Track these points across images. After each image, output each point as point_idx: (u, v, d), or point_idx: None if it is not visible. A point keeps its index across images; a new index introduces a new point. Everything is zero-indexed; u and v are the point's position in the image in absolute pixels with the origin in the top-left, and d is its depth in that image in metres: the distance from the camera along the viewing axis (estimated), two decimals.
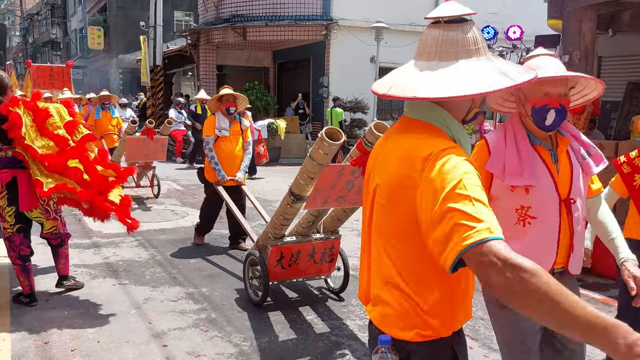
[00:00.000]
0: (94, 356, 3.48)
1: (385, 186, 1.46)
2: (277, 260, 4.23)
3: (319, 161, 3.46)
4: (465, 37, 1.41)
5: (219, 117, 5.82)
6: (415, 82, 1.40)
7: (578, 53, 6.97)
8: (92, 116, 9.65)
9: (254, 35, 17.56)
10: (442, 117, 1.45)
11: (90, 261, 5.55)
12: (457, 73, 1.38)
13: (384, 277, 1.49)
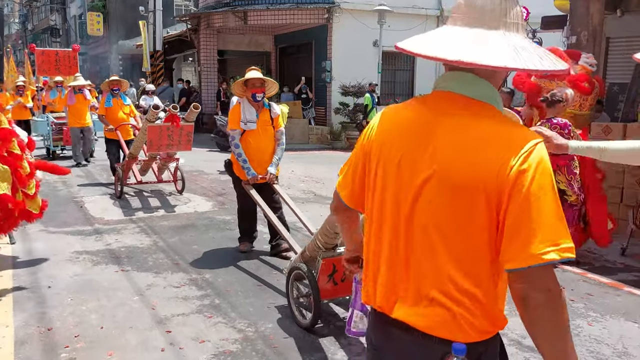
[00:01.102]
0: (97, 342, 3.44)
1: (455, 174, 1.27)
2: (328, 275, 3.62)
3: None
4: (515, 8, 1.31)
5: (244, 106, 5.02)
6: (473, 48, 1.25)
7: (586, 34, 6.85)
8: (102, 104, 8.77)
9: (255, 19, 17.36)
10: (497, 98, 1.34)
11: (92, 248, 5.50)
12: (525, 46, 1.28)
13: (444, 278, 1.31)
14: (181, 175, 8.10)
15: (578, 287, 4.69)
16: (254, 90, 4.94)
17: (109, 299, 4.15)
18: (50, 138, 11.73)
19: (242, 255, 5.36)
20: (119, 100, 8.78)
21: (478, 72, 1.32)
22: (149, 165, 8.20)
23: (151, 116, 7.28)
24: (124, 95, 9.00)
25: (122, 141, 8.42)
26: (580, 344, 3.61)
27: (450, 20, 1.36)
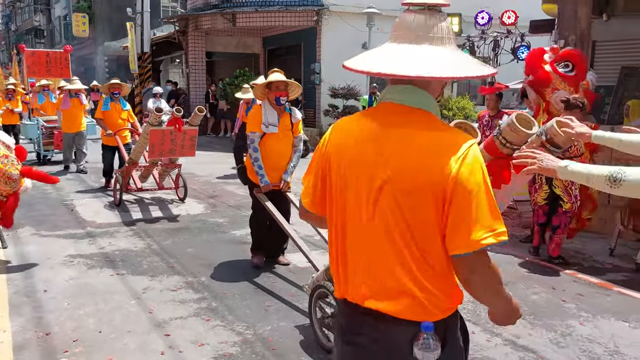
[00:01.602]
0: (96, 346, 3.44)
1: (406, 179, 1.44)
2: None
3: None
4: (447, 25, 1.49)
5: (265, 109, 4.76)
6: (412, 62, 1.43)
7: (574, 37, 6.96)
8: (99, 108, 8.48)
9: (243, 21, 17.36)
10: (436, 106, 1.52)
11: (86, 251, 5.48)
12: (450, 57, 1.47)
13: (404, 267, 1.48)
14: (183, 182, 7.84)
15: (569, 288, 4.77)
16: (278, 93, 4.70)
17: (105, 303, 4.15)
18: (40, 142, 11.36)
19: (237, 257, 5.37)
20: (117, 105, 8.48)
21: (416, 83, 1.49)
22: (149, 171, 7.90)
23: (153, 119, 7.01)
24: (123, 99, 8.72)
25: (121, 147, 8.18)
26: (572, 343, 3.68)
27: (390, 38, 1.53)
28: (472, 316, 4.05)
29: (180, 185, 7.91)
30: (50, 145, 11.41)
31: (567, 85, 5.54)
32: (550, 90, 5.55)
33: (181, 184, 7.87)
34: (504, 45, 10.06)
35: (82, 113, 10.37)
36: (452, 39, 1.49)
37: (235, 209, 7.58)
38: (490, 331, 3.84)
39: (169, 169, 7.68)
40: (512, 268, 5.27)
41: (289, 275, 4.91)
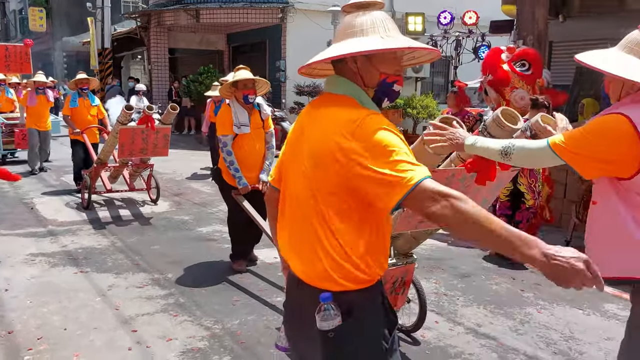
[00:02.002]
0: (61, 343, 3.39)
1: (315, 153, 1.59)
2: None
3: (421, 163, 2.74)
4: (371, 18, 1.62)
5: (235, 109, 4.62)
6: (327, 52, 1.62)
7: (531, 38, 7.20)
8: (67, 105, 8.05)
9: (207, 17, 17.18)
10: (354, 89, 1.64)
11: (48, 250, 5.37)
12: (343, 44, 1.61)
13: (315, 235, 1.60)
14: (155, 183, 7.48)
15: (528, 278, 4.95)
16: (245, 91, 4.56)
17: (70, 301, 4.09)
18: (0, 140, 10.69)
19: (203, 254, 5.37)
20: (86, 101, 8.07)
21: (339, 73, 1.67)
22: (119, 172, 7.56)
23: (123, 117, 6.60)
24: (92, 94, 8.30)
25: (89, 146, 7.79)
26: (530, 330, 3.84)
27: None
28: (435, 307, 4.17)
29: (152, 186, 7.58)
30: (11, 144, 10.77)
31: (524, 83, 5.74)
32: (509, 88, 5.74)
33: (153, 185, 7.55)
34: (466, 44, 10.30)
35: (47, 111, 9.84)
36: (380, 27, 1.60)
37: (201, 206, 7.55)
38: (453, 321, 3.96)
39: (140, 169, 7.38)
40: (473, 261, 5.43)
41: (257, 270, 4.94)
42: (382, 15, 1.64)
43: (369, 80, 1.64)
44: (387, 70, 1.62)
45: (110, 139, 6.93)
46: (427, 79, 18.76)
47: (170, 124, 6.83)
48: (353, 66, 1.63)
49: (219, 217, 6.91)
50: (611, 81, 2.08)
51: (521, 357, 3.45)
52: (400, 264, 3.40)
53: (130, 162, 7.19)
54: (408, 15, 13.18)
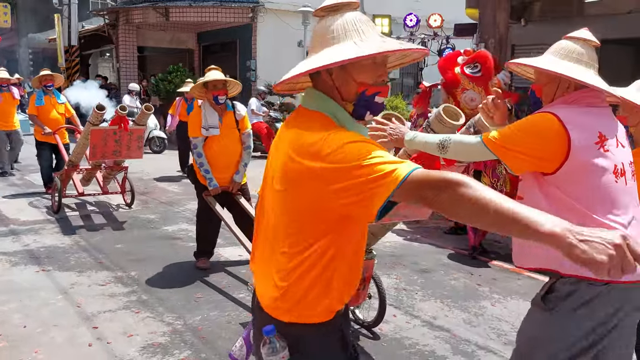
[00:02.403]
0: (21, 341, 3.40)
1: (278, 173, 1.46)
2: None
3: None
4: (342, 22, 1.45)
5: (205, 110, 4.63)
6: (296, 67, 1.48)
7: (493, 41, 7.44)
8: (32, 103, 7.66)
9: (177, 16, 17.09)
10: (328, 105, 1.47)
11: (9, 249, 5.32)
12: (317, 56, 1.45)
13: (271, 258, 1.52)
14: (130, 186, 7.20)
15: (485, 273, 5.13)
16: (215, 92, 4.55)
17: (31, 299, 4.08)
18: None
19: (168, 252, 5.39)
20: (52, 98, 7.71)
21: (315, 86, 1.52)
22: (92, 174, 7.24)
23: (94, 118, 6.28)
24: (57, 92, 7.96)
25: (61, 147, 7.50)
26: (484, 322, 4.00)
27: None
28: (394, 301, 4.30)
29: (127, 189, 7.25)
30: None
31: (475, 85, 5.96)
32: (460, 90, 5.97)
33: (128, 188, 7.23)
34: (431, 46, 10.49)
35: (14, 109, 9.20)
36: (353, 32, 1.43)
37: (167, 205, 7.55)
38: (410, 314, 4.09)
39: (114, 171, 7.11)
40: (434, 257, 5.59)
41: (221, 268, 4.99)
42: (355, 16, 1.46)
43: (346, 93, 1.46)
44: (366, 79, 1.44)
45: (82, 140, 6.63)
46: (397, 79, 19.02)
47: (144, 125, 6.62)
48: (328, 79, 1.46)
49: (185, 216, 6.93)
50: (545, 84, 2.21)
51: (473, 347, 3.60)
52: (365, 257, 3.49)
53: (104, 164, 6.93)
54: (375, 17, 13.35)
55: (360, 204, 1.30)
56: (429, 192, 1.22)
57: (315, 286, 1.46)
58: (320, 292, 1.47)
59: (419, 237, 6.36)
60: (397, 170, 1.25)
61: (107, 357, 3.26)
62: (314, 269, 1.45)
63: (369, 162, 1.27)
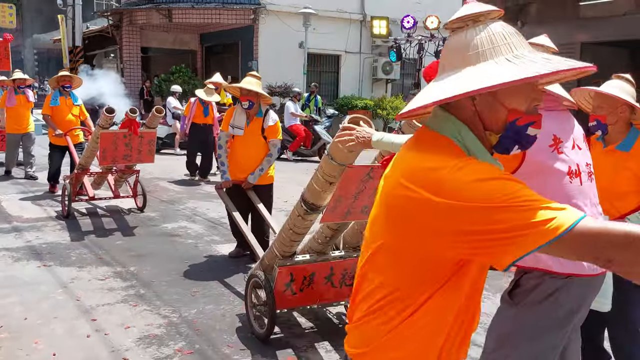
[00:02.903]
0: (22, 332, 3.53)
1: (387, 197, 1.25)
2: (286, 284, 3.46)
3: (340, 161, 2.68)
4: (466, 41, 1.22)
5: (237, 111, 4.95)
6: (420, 96, 1.24)
7: None
8: (47, 104, 7.57)
9: (180, 17, 17.26)
10: (457, 128, 1.23)
11: (12, 245, 5.46)
12: (458, 77, 1.20)
13: (366, 300, 1.30)
14: (142, 190, 7.05)
15: None
16: (242, 97, 4.88)
17: (32, 293, 4.21)
18: None
19: (167, 249, 5.52)
20: (67, 100, 7.61)
21: (454, 112, 1.25)
22: (103, 178, 7.12)
23: (104, 121, 6.24)
24: (74, 93, 7.78)
25: (72, 149, 7.34)
26: None
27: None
28: None
29: (138, 193, 7.09)
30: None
31: None
32: None
33: (140, 192, 7.07)
34: (428, 48, 10.60)
35: (29, 112, 9.03)
36: (503, 46, 1.18)
37: (168, 203, 7.68)
38: None
39: (125, 175, 6.94)
40: None
41: (216, 264, 5.12)
42: (503, 28, 1.21)
43: (492, 121, 1.22)
44: (519, 105, 1.19)
45: (91, 144, 6.50)
46: (397, 80, 19.15)
47: (155, 128, 6.43)
48: (469, 104, 1.21)
49: (185, 214, 7.07)
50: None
51: None
52: (349, 256, 3.57)
53: (115, 168, 6.79)
54: (373, 18, 13.45)
55: (489, 252, 1.08)
56: (610, 252, 1.00)
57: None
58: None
59: None
60: (556, 218, 1.02)
61: (104, 347, 3.39)
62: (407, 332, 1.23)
63: (517, 204, 1.04)
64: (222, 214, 7.11)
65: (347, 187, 2.84)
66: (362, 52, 18.19)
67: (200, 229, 6.33)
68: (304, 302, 3.64)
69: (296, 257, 3.50)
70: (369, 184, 2.87)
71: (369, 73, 18.46)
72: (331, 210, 2.94)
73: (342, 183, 2.80)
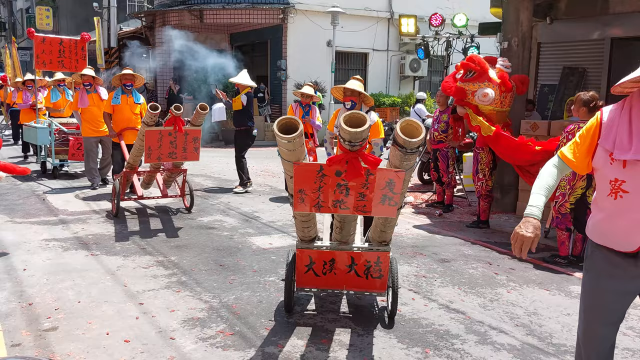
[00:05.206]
0: (77, 313, 3.83)
1: None
2: (306, 266, 3.80)
3: (285, 157, 3.11)
4: None
5: (341, 112, 5.50)
6: None
7: (516, 40, 7.58)
8: (109, 101, 7.63)
9: (211, 17, 17.63)
10: None
11: (60, 236, 5.81)
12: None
13: None
14: (189, 189, 7.00)
15: (503, 263, 5.36)
16: (344, 98, 5.36)
17: (83, 279, 4.52)
18: (52, 150, 9.25)
19: (204, 240, 5.79)
20: (129, 98, 7.62)
21: None
22: (152, 177, 7.12)
23: (149, 118, 6.17)
24: (136, 92, 7.79)
25: (124, 148, 7.41)
26: (498, 306, 4.25)
27: None
28: (413, 286, 4.59)
29: (186, 192, 7.06)
30: (65, 154, 9.40)
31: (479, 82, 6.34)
32: (471, 94, 6.35)
33: (187, 192, 7.03)
34: (456, 45, 10.66)
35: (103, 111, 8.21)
36: None
37: (203, 198, 7.98)
38: (428, 298, 4.37)
39: (174, 174, 6.94)
40: (455, 248, 5.84)
41: (251, 255, 5.36)
42: None
43: None
44: None
45: (138, 142, 6.48)
46: (425, 78, 19.17)
47: (200, 126, 6.39)
48: None
49: (220, 208, 7.35)
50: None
51: (485, 327, 3.86)
52: (370, 249, 3.77)
53: (162, 167, 6.79)
54: (401, 17, 13.55)
55: None
56: None
57: None
58: None
59: (442, 230, 6.62)
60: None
61: (152, 328, 3.66)
62: None
63: None
64: (254, 208, 7.38)
65: (302, 181, 3.10)
66: (390, 49, 18.29)
67: (234, 222, 6.60)
68: (327, 285, 3.88)
69: (316, 242, 3.81)
70: (326, 180, 3.10)
71: (396, 70, 18.54)
72: (299, 202, 3.20)
73: (296, 178, 3.10)
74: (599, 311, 2.36)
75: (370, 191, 3.16)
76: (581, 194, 5.23)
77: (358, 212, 3.28)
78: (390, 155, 3.17)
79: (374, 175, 3.09)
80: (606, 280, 2.33)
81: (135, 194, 7.02)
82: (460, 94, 6.43)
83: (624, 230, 2.18)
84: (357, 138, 2.93)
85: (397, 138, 2.96)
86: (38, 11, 31.33)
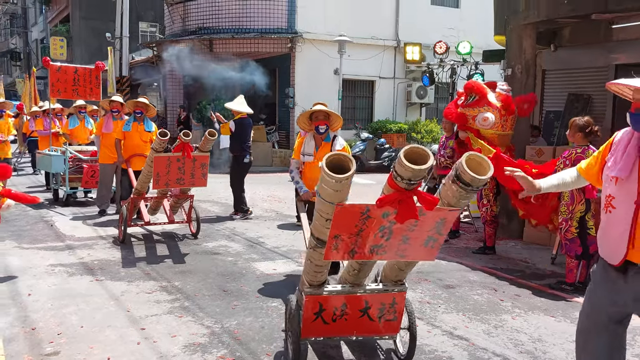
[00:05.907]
0: (79, 338, 3.84)
1: None
2: (315, 313, 3.35)
3: (326, 199, 2.69)
4: None
5: (307, 139, 5.33)
6: None
7: (519, 67, 7.66)
8: (120, 128, 7.73)
9: (220, 47, 17.95)
10: None
11: (66, 261, 5.85)
12: None
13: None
14: (196, 215, 6.98)
15: (509, 290, 5.31)
16: (316, 122, 5.15)
17: (87, 304, 4.54)
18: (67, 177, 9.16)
19: (208, 266, 5.81)
20: (140, 126, 7.77)
21: None
22: (159, 203, 7.15)
23: (157, 145, 6.21)
24: (148, 120, 7.87)
25: (131, 174, 7.51)
26: (502, 333, 4.20)
27: None
28: (417, 313, 4.55)
29: (193, 218, 7.04)
30: (77, 182, 9.38)
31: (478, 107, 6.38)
32: (471, 119, 6.40)
33: (194, 217, 7.01)
34: (460, 72, 10.77)
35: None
36: None
37: (209, 223, 8.01)
38: (431, 324, 4.34)
39: (181, 200, 6.99)
40: (460, 275, 5.80)
41: (254, 281, 5.36)
42: None
43: None
44: None
45: (146, 169, 6.50)
46: (432, 104, 19.30)
47: (208, 152, 6.41)
48: None
49: (224, 234, 7.38)
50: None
51: (489, 354, 3.81)
52: (386, 290, 3.39)
53: (170, 193, 6.81)
54: (406, 45, 13.72)
55: None
56: None
57: None
58: None
59: (447, 255, 6.58)
60: None
61: (154, 353, 3.65)
62: None
63: None
64: (260, 233, 7.40)
65: (341, 225, 2.68)
66: (396, 77, 18.47)
67: (239, 248, 6.62)
68: (336, 333, 3.47)
69: (327, 286, 3.38)
70: (370, 223, 2.68)
71: (402, 97, 18.70)
72: (331, 249, 2.80)
73: (335, 221, 2.66)
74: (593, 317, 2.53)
75: (417, 234, 2.79)
76: (580, 217, 5.23)
77: (396, 258, 2.98)
78: (445, 191, 2.71)
79: (426, 215, 2.68)
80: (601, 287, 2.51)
81: (142, 220, 7.03)
82: (462, 120, 6.50)
83: (611, 243, 2.37)
84: (418, 176, 2.51)
85: (463, 175, 2.54)
86: (52, 41, 32.11)
